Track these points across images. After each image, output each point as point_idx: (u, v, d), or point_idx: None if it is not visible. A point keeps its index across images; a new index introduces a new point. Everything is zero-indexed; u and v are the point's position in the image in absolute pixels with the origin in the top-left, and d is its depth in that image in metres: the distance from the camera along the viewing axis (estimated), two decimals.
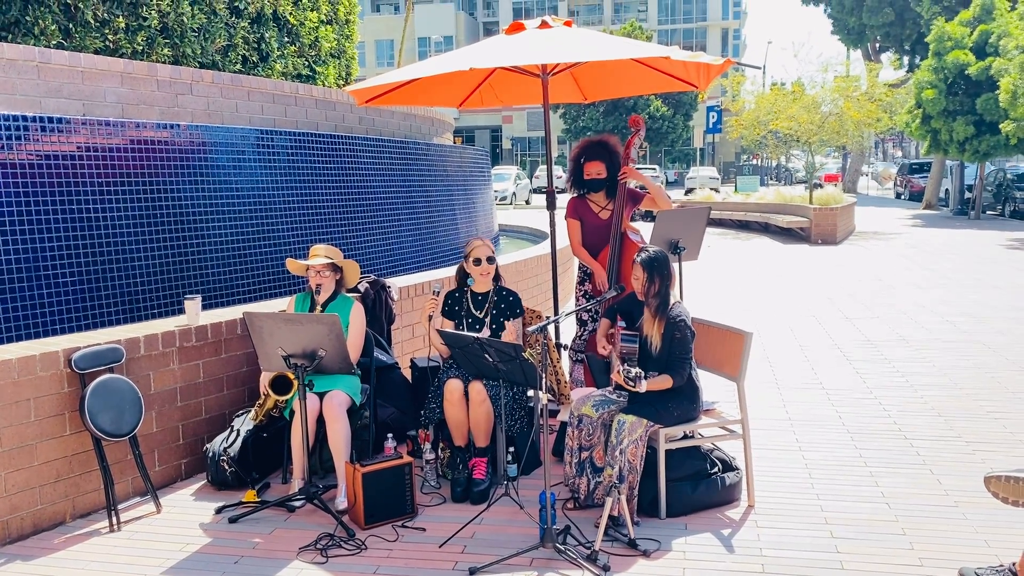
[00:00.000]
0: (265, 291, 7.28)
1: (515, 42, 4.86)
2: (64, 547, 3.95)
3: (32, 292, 5.44)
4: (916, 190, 31.99)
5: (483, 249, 4.83)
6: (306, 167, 7.97)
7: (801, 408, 5.93)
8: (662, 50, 4.85)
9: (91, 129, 5.90)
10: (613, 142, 5.37)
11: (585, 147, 5.37)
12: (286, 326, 4.08)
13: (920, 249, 16.06)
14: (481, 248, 4.83)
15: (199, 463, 4.86)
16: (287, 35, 10.32)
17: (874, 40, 35.43)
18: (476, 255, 4.81)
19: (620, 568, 3.61)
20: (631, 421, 4.01)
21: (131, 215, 6.14)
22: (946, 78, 21.44)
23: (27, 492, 4.02)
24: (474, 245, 4.85)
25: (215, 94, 7.36)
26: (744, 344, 4.25)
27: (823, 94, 22.21)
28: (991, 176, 25.17)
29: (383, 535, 4.02)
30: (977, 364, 7.02)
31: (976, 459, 4.85)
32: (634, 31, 46.35)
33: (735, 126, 24.88)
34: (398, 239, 9.38)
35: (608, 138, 5.40)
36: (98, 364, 4.21)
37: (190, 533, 4.09)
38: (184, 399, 4.77)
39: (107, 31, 7.63)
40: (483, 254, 4.81)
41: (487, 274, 4.83)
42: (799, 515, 4.14)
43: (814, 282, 12.08)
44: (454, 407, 4.50)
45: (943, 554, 3.69)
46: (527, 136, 61.49)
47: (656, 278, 4.11)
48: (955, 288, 11.15)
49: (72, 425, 4.18)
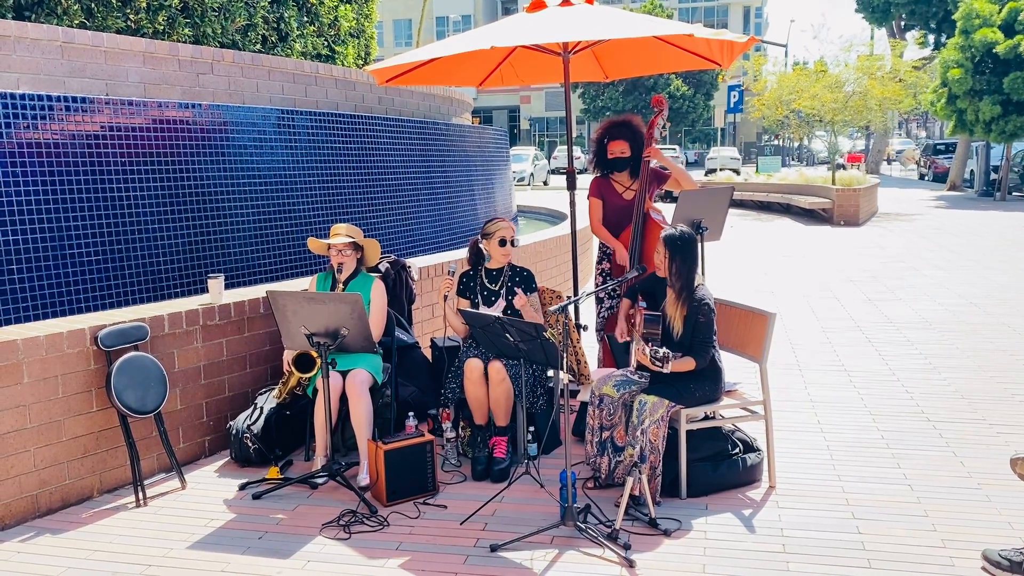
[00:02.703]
0: (287, 270, 7.32)
1: (537, 20, 4.82)
2: (92, 521, 4.01)
3: (57, 271, 5.50)
4: (940, 171, 31.57)
5: (508, 231, 4.81)
6: (327, 147, 7.98)
7: (823, 390, 5.90)
8: (686, 28, 4.79)
9: (114, 108, 5.94)
10: (637, 122, 5.33)
11: (609, 127, 5.34)
12: (309, 305, 4.10)
13: (944, 231, 15.87)
14: (507, 229, 4.81)
15: (223, 440, 4.91)
16: (306, 15, 10.31)
17: (899, 18, 34.87)
18: (502, 235, 4.78)
19: (641, 547, 3.62)
20: (652, 401, 4.01)
21: (154, 194, 6.18)
22: (973, 56, 21.08)
23: (55, 467, 4.08)
24: (499, 226, 4.82)
25: (236, 74, 7.37)
26: (767, 325, 4.23)
27: (846, 73, 21.94)
28: (1018, 156, 24.78)
29: (405, 512, 4.05)
30: (1001, 346, 6.95)
31: (1000, 441, 4.81)
32: (655, 9, 45.90)
33: (757, 106, 24.64)
34: (417, 219, 9.39)
35: (631, 118, 5.37)
36: (123, 342, 4.25)
37: (215, 509, 4.14)
38: (208, 377, 4.82)
39: (128, 11, 7.65)
40: (508, 235, 4.79)
41: (508, 256, 4.82)
42: (820, 496, 4.13)
43: (836, 263, 11.98)
44: (474, 385, 4.51)
45: (966, 536, 3.67)
46: (545, 116, 61.16)
47: (677, 257, 4.08)
48: (979, 270, 11.02)
49: (99, 402, 4.23)
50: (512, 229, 4.84)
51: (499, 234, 4.79)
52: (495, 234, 4.79)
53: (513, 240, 4.80)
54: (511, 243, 4.78)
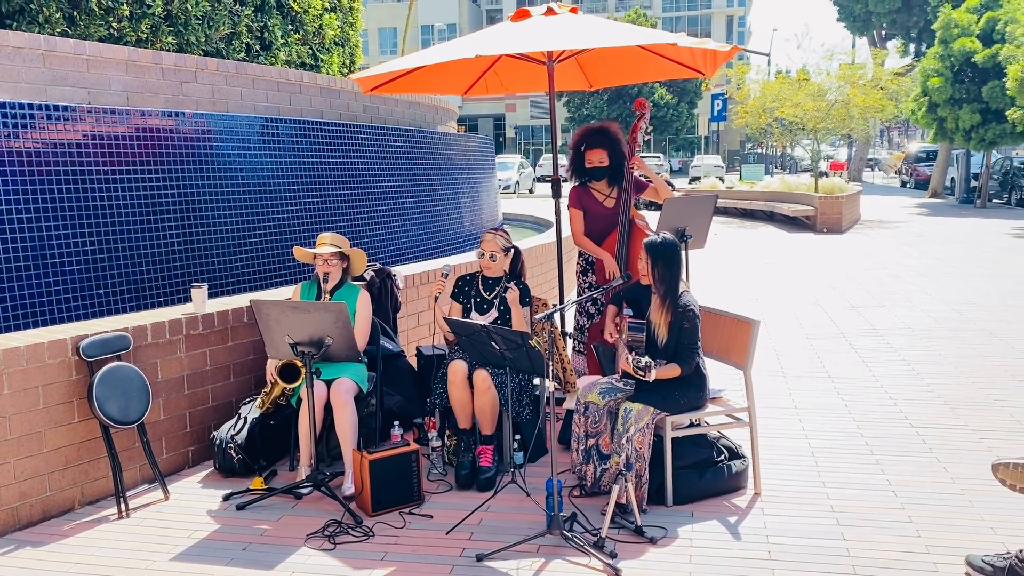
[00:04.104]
0: (271, 279, 7.28)
1: (521, 29, 4.83)
2: (73, 533, 3.97)
3: (39, 280, 5.45)
4: (922, 179, 31.87)
5: (490, 243, 4.78)
6: (311, 155, 7.96)
7: (807, 396, 5.93)
8: (669, 36, 4.82)
9: (96, 117, 5.90)
10: (614, 129, 5.30)
11: (586, 134, 5.28)
12: (293, 314, 4.08)
13: (926, 238, 16.01)
14: (489, 242, 4.79)
15: (206, 451, 4.87)
16: (291, 23, 10.29)
17: (880, 27, 35.27)
18: (483, 248, 4.78)
19: (627, 555, 3.62)
20: (638, 409, 4.01)
21: (137, 203, 6.14)
22: (952, 65, 21.32)
23: (36, 479, 4.04)
24: (485, 238, 4.82)
25: (219, 82, 7.34)
26: (751, 332, 4.25)
27: (828, 81, 22.13)
28: (997, 164, 25.06)
29: (390, 522, 4.03)
30: (983, 352, 7.01)
31: (982, 447, 4.85)
32: (639, 19, 46.18)
33: (740, 114, 24.80)
34: (403, 227, 9.38)
35: (609, 125, 5.32)
36: (106, 352, 4.22)
37: (198, 520, 4.11)
38: (191, 387, 4.79)
39: (111, 19, 7.62)
40: (489, 248, 4.76)
41: (488, 269, 4.80)
42: (805, 503, 4.15)
43: (819, 271, 12.06)
44: (457, 388, 4.50)
45: (949, 541, 3.69)
46: (530, 124, 61.34)
47: (660, 263, 4.10)
48: (961, 276, 11.12)
49: (80, 412, 4.19)
50: (498, 242, 4.79)
51: (482, 246, 4.79)
52: (481, 246, 4.80)
53: (497, 252, 4.76)
54: (489, 258, 4.75)
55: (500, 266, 4.81)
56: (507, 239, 4.87)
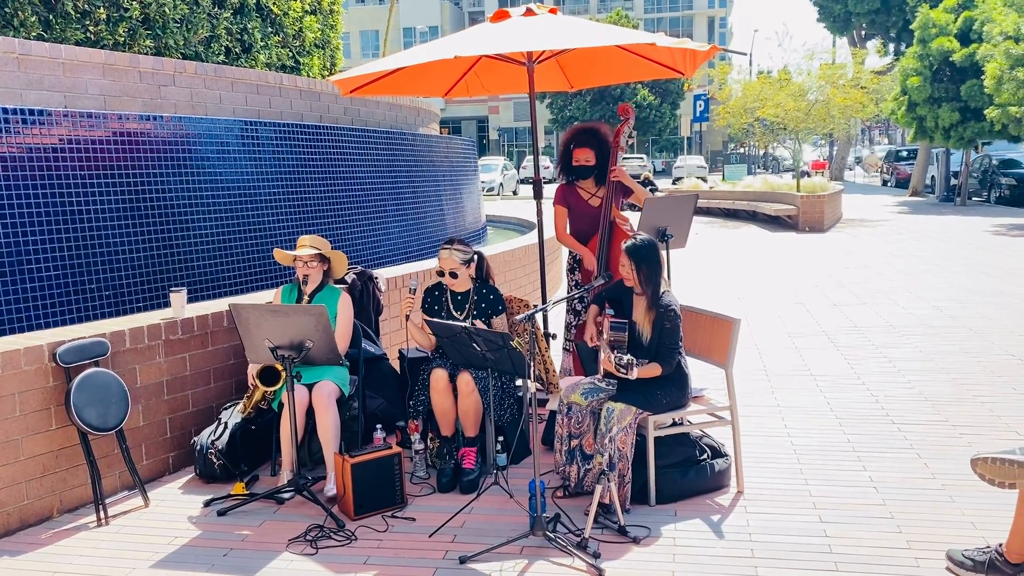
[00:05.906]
0: (251, 283, 7.23)
1: (500, 30, 4.83)
2: (51, 542, 3.92)
3: (15, 286, 5.38)
4: (902, 177, 32.12)
5: (447, 261, 4.63)
6: (291, 158, 7.91)
7: (789, 394, 5.95)
8: (648, 36, 4.83)
9: (73, 121, 5.84)
10: (604, 130, 5.38)
11: (575, 134, 5.37)
12: (273, 318, 4.05)
13: (907, 236, 16.14)
14: (445, 260, 4.63)
15: (187, 456, 4.83)
16: (271, 25, 10.23)
17: (860, 27, 35.55)
18: (441, 266, 4.66)
19: (610, 555, 3.61)
20: (620, 409, 4.01)
21: (115, 207, 6.09)
22: (931, 65, 21.52)
23: (13, 487, 3.99)
24: (440, 256, 4.66)
25: (198, 85, 7.29)
26: (732, 331, 4.26)
27: (809, 81, 22.26)
28: (977, 162, 25.30)
29: (373, 526, 4.01)
30: (963, 349, 7.06)
31: (963, 442, 4.88)
32: (620, 20, 46.27)
33: (722, 114, 24.90)
34: (385, 230, 9.35)
35: (599, 126, 5.42)
36: (83, 358, 4.17)
37: (179, 526, 4.07)
38: (171, 392, 4.74)
39: (88, 22, 7.54)
40: (447, 266, 4.63)
41: (453, 286, 4.71)
42: (788, 500, 4.16)
43: (801, 269, 12.12)
44: (440, 395, 4.48)
45: (930, 537, 3.71)
46: (514, 126, 61.34)
47: (643, 266, 4.10)
48: (941, 274, 11.21)
49: (58, 420, 4.14)
50: (456, 257, 4.63)
51: (440, 265, 4.68)
52: (439, 265, 4.67)
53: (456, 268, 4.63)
54: (449, 275, 4.64)
55: (464, 279, 4.72)
56: (464, 250, 4.71)
